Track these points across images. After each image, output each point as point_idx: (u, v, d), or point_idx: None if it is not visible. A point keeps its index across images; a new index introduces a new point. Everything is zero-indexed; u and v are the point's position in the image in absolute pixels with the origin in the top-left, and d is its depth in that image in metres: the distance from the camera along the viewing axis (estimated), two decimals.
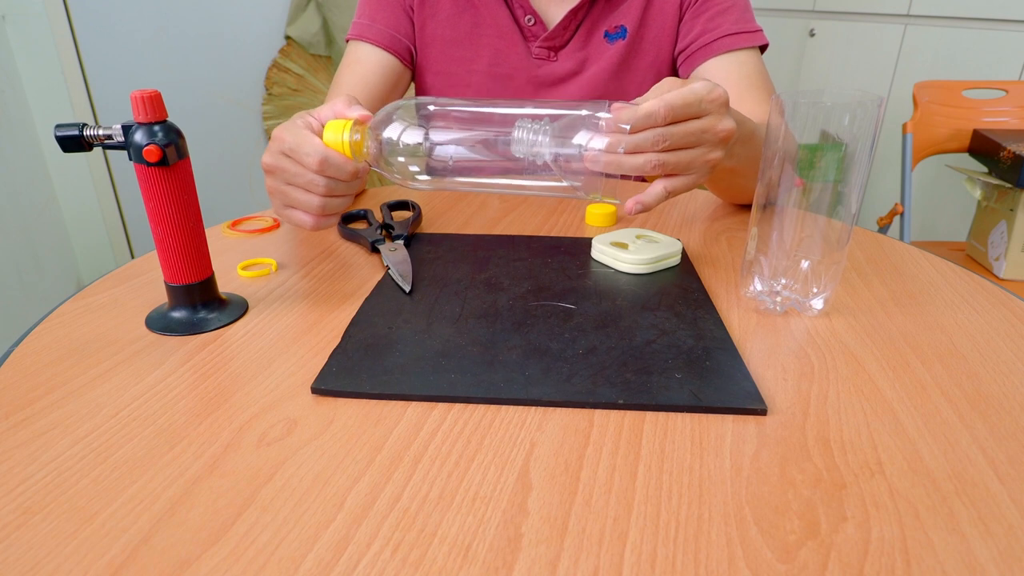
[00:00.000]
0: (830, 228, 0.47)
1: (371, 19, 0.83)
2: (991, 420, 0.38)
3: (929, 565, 0.28)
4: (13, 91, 1.51)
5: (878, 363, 0.44)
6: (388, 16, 0.83)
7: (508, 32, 0.83)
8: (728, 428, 0.37)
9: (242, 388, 0.40)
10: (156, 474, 0.33)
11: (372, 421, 0.37)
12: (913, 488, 0.33)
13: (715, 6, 0.81)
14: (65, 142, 0.43)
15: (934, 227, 1.75)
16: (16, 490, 0.32)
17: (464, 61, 0.84)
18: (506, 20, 0.83)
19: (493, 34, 0.83)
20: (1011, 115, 1.39)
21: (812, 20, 1.96)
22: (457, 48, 0.84)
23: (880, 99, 0.43)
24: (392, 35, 0.83)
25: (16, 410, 0.38)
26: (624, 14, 0.82)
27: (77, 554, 0.28)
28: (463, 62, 0.84)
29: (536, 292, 0.52)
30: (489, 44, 0.84)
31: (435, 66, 0.86)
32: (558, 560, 0.28)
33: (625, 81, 0.85)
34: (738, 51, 0.78)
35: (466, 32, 0.84)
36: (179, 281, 0.47)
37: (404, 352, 0.43)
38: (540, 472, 0.33)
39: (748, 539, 0.29)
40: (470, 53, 0.84)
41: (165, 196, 0.44)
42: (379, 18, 0.83)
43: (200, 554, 0.28)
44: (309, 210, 0.54)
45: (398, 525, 0.30)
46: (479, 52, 0.84)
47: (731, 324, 0.48)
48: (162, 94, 0.43)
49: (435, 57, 0.85)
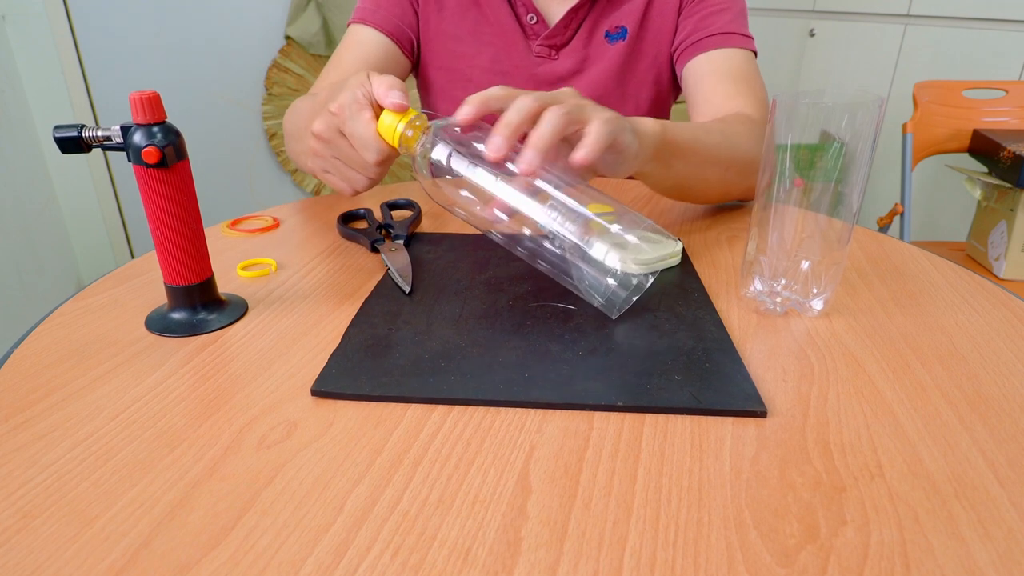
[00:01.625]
0: (830, 228, 0.47)
1: (376, 5, 0.83)
2: (991, 422, 0.38)
3: (929, 569, 0.28)
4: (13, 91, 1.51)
5: (878, 364, 0.44)
6: (393, 4, 0.83)
7: (510, 30, 0.83)
8: (728, 430, 0.37)
9: (242, 390, 0.40)
10: (156, 477, 0.33)
11: (372, 423, 0.37)
12: (913, 491, 0.32)
13: (710, 7, 0.81)
14: (64, 143, 0.43)
15: (934, 227, 1.75)
16: (16, 494, 0.32)
17: (466, 57, 0.84)
18: (508, 18, 0.83)
19: (495, 31, 0.83)
20: (1011, 115, 1.39)
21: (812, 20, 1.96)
22: (459, 44, 0.84)
23: (880, 99, 0.43)
24: (396, 23, 0.82)
25: (16, 412, 0.38)
26: (625, 15, 0.82)
27: (77, 558, 0.28)
28: (465, 58, 0.84)
29: (536, 293, 0.52)
30: (491, 41, 0.84)
31: (437, 61, 0.86)
32: (558, 564, 0.28)
33: (625, 82, 0.85)
34: (728, 48, 0.78)
35: (469, 29, 0.84)
36: (179, 282, 0.47)
37: (404, 353, 0.43)
38: (540, 475, 0.33)
39: (747, 543, 0.29)
40: (472, 50, 0.84)
41: (164, 198, 0.44)
42: (384, 5, 0.82)
43: (200, 558, 0.28)
44: (355, 186, 0.58)
45: (398, 528, 0.30)
46: (481, 49, 0.84)
47: (731, 325, 0.48)
48: (162, 94, 0.43)
49: (438, 52, 0.85)
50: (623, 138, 0.50)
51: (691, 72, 0.81)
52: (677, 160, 0.59)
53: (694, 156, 0.61)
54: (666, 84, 0.87)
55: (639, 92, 0.86)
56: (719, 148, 0.64)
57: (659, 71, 0.85)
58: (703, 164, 0.62)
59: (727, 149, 0.64)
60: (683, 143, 0.59)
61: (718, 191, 0.68)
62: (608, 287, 0.45)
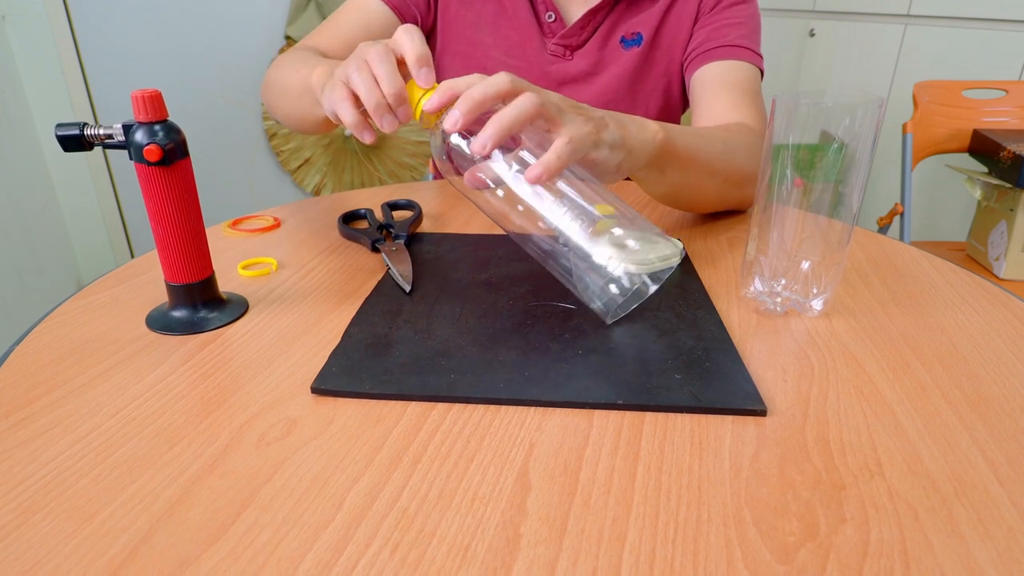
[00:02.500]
0: (830, 228, 0.47)
1: None
2: (991, 422, 0.38)
3: (928, 567, 0.28)
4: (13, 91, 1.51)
5: (878, 364, 0.44)
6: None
7: (527, 25, 0.83)
8: (727, 429, 0.37)
9: (242, 388, 0.40)
10: (156, 474, 0.33)
11: (372, 421, 0.37)
12: (912, 490, 0.33)
13: (726, 19, 0.81)
14: (66, 141, 0.43)
15: (934, 227, 1.75)
16: (16, 489, 0.32)
17: (483, 46, 0.84)
18: (526, 14, 0.83)
19: (512, 25, 0.83)
20: (1011, 115, 1.39)
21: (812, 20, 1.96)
22: (478, 32, 0.84)
23: (880, 99, 0.43)
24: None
25: (16, 409, 0.38)
26: (643, 21, 0.82)
27: (77, 553, 0.28)
28: (482, 47, 0.84)
29: (536, 292, 0.52)
30: (506, 35, 0.84)
31: (455, 47, 0.85)
32: (557, 561, 0.28)
33: (636, 89, 0.85)
34: (737, 61, 0.78)
35: (489, 19, 0.83)
36: (179, 280, 0.47)
37: (404, 352, 0.43)
38: (539, 472, 0.33)
39: (747, 540, 0.29)
40: (488, 39, 0.84)
41: (166, 195, 0.44)
42: None
43: (200, 554, 0.28)
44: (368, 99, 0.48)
45: (397, 525, 0.30)
46: (497, 41, 0.84)
47: (731, 324, 0.48)
48: (162, 94, 0.43)
49: (456, 38, 0.85)
50: (596, 155, 0.48)
51: (698, 80, 0.81)
52: (675, 168, 0.59)
53: (693, 164, 0.60)
54: (677, 93, 0.87)
55: (649, 100, 0.86)
56: (719, 158, 0.63)
57: (670, 80, 0.86)
58: (701, 173, 0.62)
59: (727, 159, 0.64)
60: (684, 151, 0.58)
61: (713, 200, 0.67)
62: (605, 291, 0.45)
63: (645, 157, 0.54)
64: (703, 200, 0.67)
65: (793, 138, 0.45)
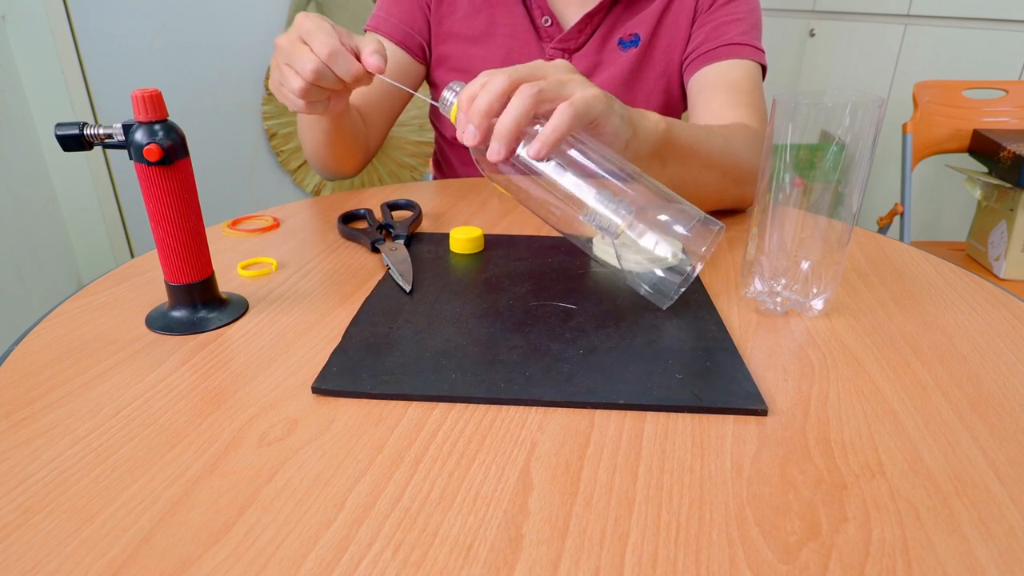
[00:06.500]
0: (830, 228, 0.47)
1: (388, 13, 0.85)
2: (991, 421, 0.38)
3: (930, 566, 0.28)
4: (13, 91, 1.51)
5: (878, 364, 0.44)
6: (403, 12, 0.84)
7: (523, 31, 0.83)
8: (729, 428, 0.37)
9: (243, 388, 0.40)
10: (157, 474, 0.33)
11: (373, 421, 0.37)
12: (914, 489, 0.33)
13: (725, 16, 0.81)
14: (66, 141, 0.43)
15: (934, 227, 1.75)
16: (16, 489, 0.32)
17: (479, 58, 0.85)
18: (522, 20, 0.83)
19: (508, 33, 0.84)
20: (1011, 115, 1.39)
21: (812, 20, 1.96)
22: (472, 45, 0.85)
23: (881, 99, 0.43)
24: (406, 31, 0.84)
25: (16, 409, 0.38)
26: (640, 22, 0.82)
27: (78, 554, 0.28)
28: (478, 59, 0.85)
29: (536, 292, 0.52)
30: (503, 43, 0.84)
31: (450, 62, 0.86)
32: (559, 560, 0.28)
33: (634, 90, 0.85)
34: (736, 60, 0.78)
35: (481, 31, 0.84)
36: (179, 280, 0.47)
37: (405, 352, 0.43)
38: (541, 472, 0.33)
39: (749, 540, 0.29)
40: (484, 51, 0.85)
41: (165, 195, 0.44)
42: (395, 12, 0.84)
43: (201, 554, 0.28)
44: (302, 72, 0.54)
45: (399, 525, 0.30)
46: (493, 51, 0.84)
47: (731, 324, 0.48)
48: (162, 94, 0.43)
49: (450, 53, 0.86)
50: (608, 122, 0.47)
51: (696, 82, 0.81)
52: (676, 160, 0.59)
53: (694, 158, 0.61)
54: (676, 93, 0.88)
55: (649, 100, 0.86)
56: (720, 153, 0.64)
57: (669, 80, 0.86)
58: (702, 168, 0.62)
59: (727, 155, 0.64)
60: (685, 144, 0.59)
61: (713, 197, 0.68)
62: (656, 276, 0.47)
63: (649, 143, 0.54)
64: (703, 196, 0.67)
65: (793, 138, 0.45)
